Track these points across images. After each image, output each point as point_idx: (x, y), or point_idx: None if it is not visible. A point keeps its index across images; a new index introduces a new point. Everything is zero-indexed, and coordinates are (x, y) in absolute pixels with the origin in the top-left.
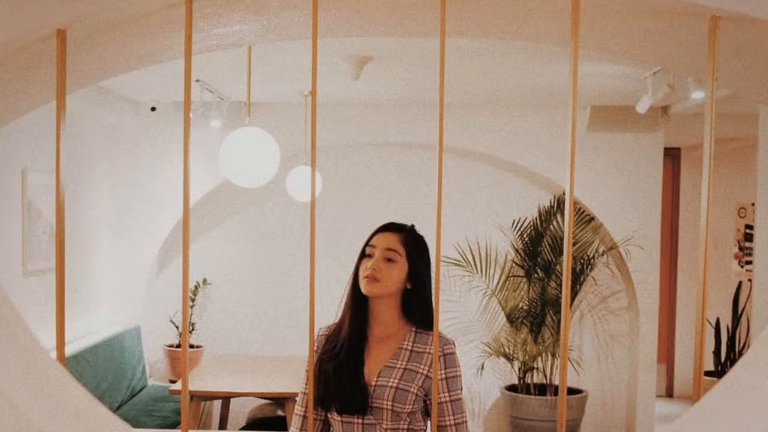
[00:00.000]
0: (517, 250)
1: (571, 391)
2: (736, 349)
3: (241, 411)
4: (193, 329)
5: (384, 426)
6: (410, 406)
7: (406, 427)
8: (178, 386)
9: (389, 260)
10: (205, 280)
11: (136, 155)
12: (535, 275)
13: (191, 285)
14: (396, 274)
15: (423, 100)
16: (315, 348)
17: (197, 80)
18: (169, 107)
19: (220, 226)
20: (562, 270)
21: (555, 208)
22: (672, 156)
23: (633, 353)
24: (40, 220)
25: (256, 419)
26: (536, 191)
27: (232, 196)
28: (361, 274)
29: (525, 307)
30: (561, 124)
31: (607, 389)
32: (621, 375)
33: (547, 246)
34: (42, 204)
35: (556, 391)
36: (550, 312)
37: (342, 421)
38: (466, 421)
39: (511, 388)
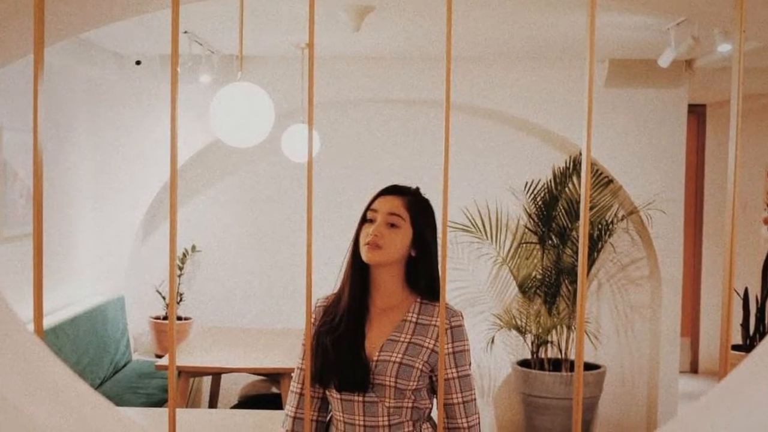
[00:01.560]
0: (530, 215)
1: (588, 367)
2: (766, 321)
3: (232, 388)
4: (181, 300)
5: (387, 404)
6: (415, 383)
7: (410, 405)
8: (164, 361)
9: (392, 225)
10: (194, 247)
11: (119, 112)
12: (550, 242)
13: (179, 252)
14: (399, 241)
15: (429, 54)
16: (312, 320)
17: (185, 32)
18: (155, 61)
19: (210, 188)
20: (578, 236)
21: (571, 170)
22: (697, 113)
23: (655, 326)
24: (17, 182)
25: (248, 397)
26: (550, 151)
27: (223, 156)
28: (362, 240)
29: (538, 276)
30: (577, 79)
31: (626, 365)
32: (642, 349)
33: (563, 210)
34: (18, 165)
35: (571, 366)
36: (566, 281)
37: (341, 399)
38: (474, 399)
39: (524, 363)
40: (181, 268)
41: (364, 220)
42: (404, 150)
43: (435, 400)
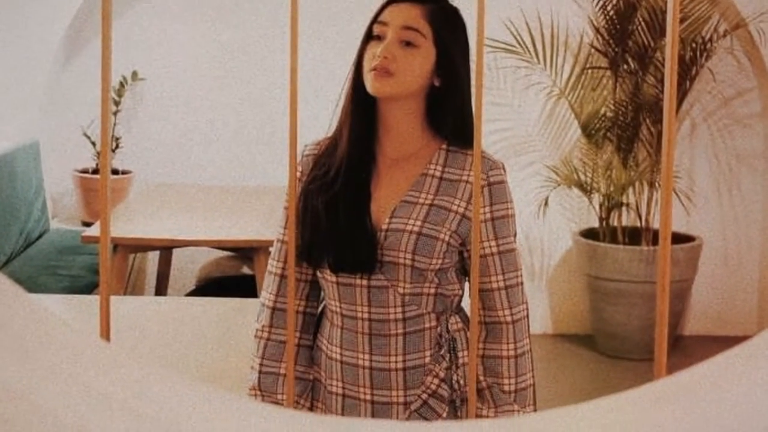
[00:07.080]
0: (597, 30)
1: (678, 239)
2: None
3: (188, 267)
4: (117, 146)
5: (400, 290)
6: (439, 261)
7: (432, 291)
8: (95, 231)
9: (408, 44)
10: (135, 74)
11: None
12: (625, 67)
13: (114, 81)
14: (418, 65)
15: None
16: (298, 175)
17: None
18: None
19: None
20: (663, 58)
21: None
22: None
23: None
24: None
25: (210, 279)
26: None
27: None
28: (367, 64)
29: (609, 114)
30: None
31: (730, 236)
32: (752, 215)
33: (643, 23)
34: None
35: (655, 238)
36: (647, 121)
37: (338, 283)
38: (521, 283)
39: (589, 233)
40: (117, 103)
41: (369, 37)
42: None
43: (467, 285)
